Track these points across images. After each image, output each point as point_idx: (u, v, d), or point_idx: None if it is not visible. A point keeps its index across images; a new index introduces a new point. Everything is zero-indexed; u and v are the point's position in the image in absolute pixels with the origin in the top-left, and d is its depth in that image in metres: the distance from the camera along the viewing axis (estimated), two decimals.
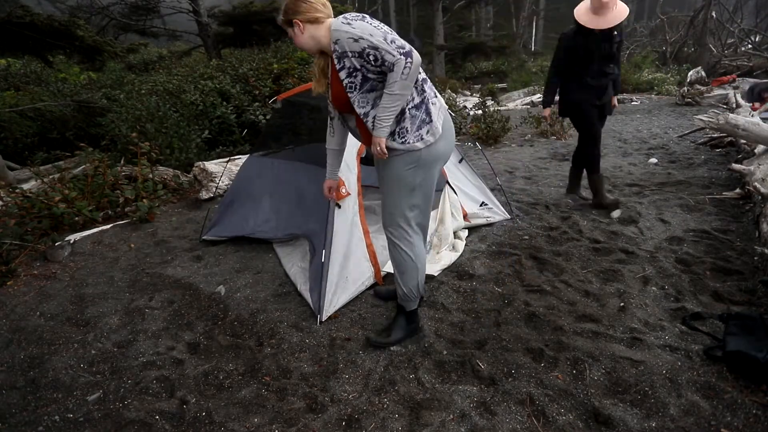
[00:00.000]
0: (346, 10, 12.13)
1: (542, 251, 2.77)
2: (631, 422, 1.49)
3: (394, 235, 1.82)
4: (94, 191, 3.75)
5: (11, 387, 1.82)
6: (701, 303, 2.15)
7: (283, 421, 1.59)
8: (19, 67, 9.18)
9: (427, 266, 2.67)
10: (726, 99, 8.17)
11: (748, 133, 3.88)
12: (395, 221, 1.79)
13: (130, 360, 1.95)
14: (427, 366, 1.83)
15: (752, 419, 1.47)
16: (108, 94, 6.99)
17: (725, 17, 15.01)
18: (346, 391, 1.71)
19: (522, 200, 3.72)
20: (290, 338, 2.03)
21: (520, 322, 2.08)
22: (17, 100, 6.49)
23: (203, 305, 2.37)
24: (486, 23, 28.20)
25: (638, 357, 1.78)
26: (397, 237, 1.82)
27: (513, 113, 8.95)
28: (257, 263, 2.80)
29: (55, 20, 7.05)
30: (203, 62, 9.21)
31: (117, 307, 2.39)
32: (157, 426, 1.59)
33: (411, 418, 1.58)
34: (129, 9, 11.26)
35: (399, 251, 1.83)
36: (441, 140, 1.72)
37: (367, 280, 2.39)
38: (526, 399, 1.62)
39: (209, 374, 1.85)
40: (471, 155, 5.71)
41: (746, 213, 3.16)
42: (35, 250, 3.02)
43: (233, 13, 11.13)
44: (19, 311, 2.38)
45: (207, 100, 6.00)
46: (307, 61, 7.72)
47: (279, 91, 6.75)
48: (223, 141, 6.07)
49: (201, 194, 4.17)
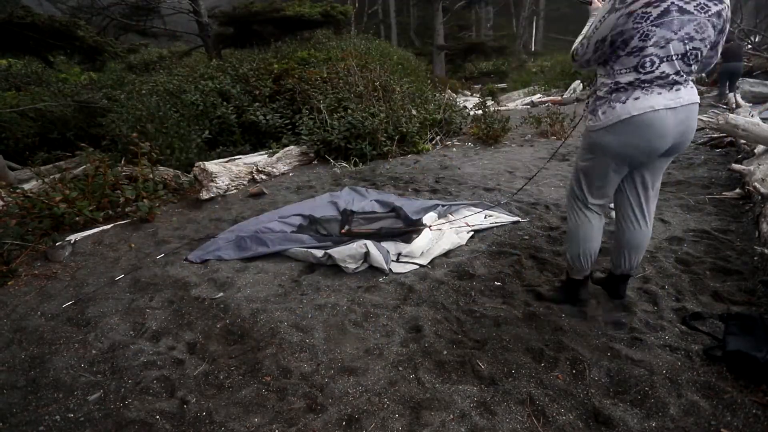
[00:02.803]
0: (347, 9, 12.14)
1: (542, 251, 2.77)
2: (631, 422, 1.49)
3: (568, 202, 2.02)
4: (95, 191, 3.75)
5: (12, 387, 1.82)
6: (701, 303, 2.15)
7: (283, 421, 1.59)
8: (20, 67, 9.20)
9: (419, 258, 2.73)
10: (726, 99, 8.16)
11: (748, 133, 3.88)
12: (570, 190, 1.98)
13: (130, 360, 1.95)
14: (427, 366, 1.83)
15: (752, 419, 1.47)
16: (108, 95, 7.01)
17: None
18: (347, 392, 1.71)
19: (522, 200, 3.72)
20: (290, 338, 2.03)
21: (520, 322, 2.08)
22: (18, 101, 6.50)
23: (203, 305, 2.37)
24: (486, 23, 28.21)
25: (638, 357, 1.78)
26: (568, 206, 2.03)
27: (513, 113, 8.94)
28: (258, 263, 2.80)
29: (55, 21, 7.07)
30: (203, 62, 9.21)
31: (117, 307, 2.39)
32: (157, 426, 1.59)
33: (411, 418, 1.58)
34: (129, 9, 11.26)
35: (568, 218, 2.03)
36: (611, 133, 1.68)
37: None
38: (526, 399, 1.62)
39: (209, 374, 1.85)
40: (471, 155, 5.72)
41: (746, 213, 3.16)
42: (36, 250, 3.03)
43: (233, 13, 11.12)
44: (19, 311, 2.38)
45: (207, 101, 6.01)
46: (307, 62, 7.74)
47: (279, 91, 6.77)
48: (224, 141, 6.08)
49: (201, 194, 4.17)
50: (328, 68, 7.09)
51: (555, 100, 10.71)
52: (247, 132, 6.28)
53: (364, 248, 2.62)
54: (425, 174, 4.74)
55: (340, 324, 2.14)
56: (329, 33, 11.40)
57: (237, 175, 4.65)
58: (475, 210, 3.42)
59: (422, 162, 5.32)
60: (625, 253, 2.00)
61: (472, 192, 4.04)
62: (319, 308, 2.27)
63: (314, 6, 11.00)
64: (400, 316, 2.18)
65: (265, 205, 4.00)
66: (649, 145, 1.65)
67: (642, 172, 1.83)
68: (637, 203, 1.91)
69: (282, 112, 6.42)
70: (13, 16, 6.56)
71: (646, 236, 1.96)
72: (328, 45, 9.23)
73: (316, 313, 2.24)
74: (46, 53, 8.19)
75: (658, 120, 1.59)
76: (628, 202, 1.93)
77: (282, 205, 3.93)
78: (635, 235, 1.95)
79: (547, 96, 11.90)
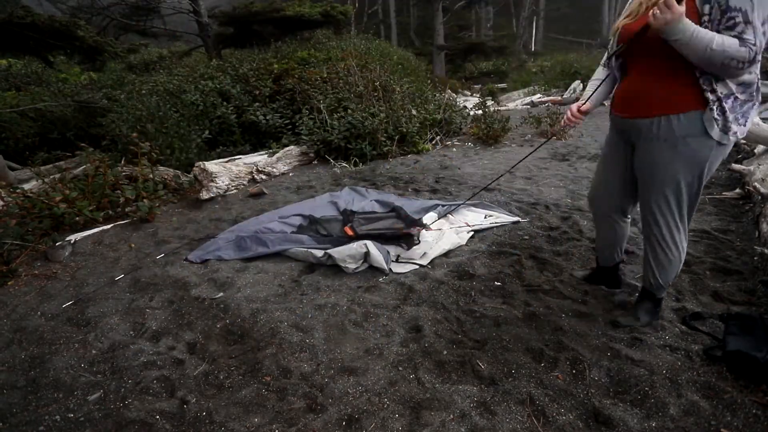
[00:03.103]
0: (347, 9, 12.13)
1: (542, 251, 2.77)
2: (631, 422, 1.49)
3: (663, 233, 1.71)
4: (95, 191, 3.75)
5: (12, 387, 1.82)
6: (701, 303, 2.15)
7: (283, 421, 1.59)
8: (20, 67, 9.19)
9: (419, 258, 2.73)
10: None
11: (748, 133, 3.88)
12: (678, 228, 1.70)
13: (130, 360, 1.95)
14: (427, 366, 1.83)
15: (752, 419, 1.47)
16: (108, 95, 7.00)
17: None
18: (347, 392, 1.71)
19: (522, 200, 3.72)
20: (290, 338, 2.03)
21: (520, 322, 2.08)
22: (18, 101, 6.50)
23: (203, 305, 2.37)
24: (486, 23, 28.22)
25: (638, 357, 1.78)
26: (675, 242, 1.72)
27: (513, 113, 8.94)
28: (258, 263, 2.80)
29: (56, 21, 7.06)
30: (203, 62, 9.20)
31: (117, 307, 2.39)
32: (157, 426, 1.59)
33: (411, 418, 1.58)
34: (129, 9, 11.25)
35: (666, 251, 1.74)
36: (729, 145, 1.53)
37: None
38: (526, 399, 1.62)
39: (209, 374, 1.85)
40: (471, 155, 5.72)
41: (746, 213, 3.16)
42: (36, 250, 3.03)
43: (233, 13, 11.11)
44: (19, 311, 2.39)
45: (207, 101, 6.01)
46: (307, 61, 7.74)
47: (279, 91, 6.77)
48: (224, 141, 6.08)
49: (201, 194, 4.17)
50: (328, 68, 7.08)
51: (555, 100, 10.70)
52: (247, 132, 6.27)
53: (364, 248, 2.62)
54: (425, 174, 4.74)
55: (340, 324, 2.14)
56: (329, 33, 11.39)
57: (237, 175, 4.65)
58: (476, 210, 3.42)
59: (422, 162, 5.32)
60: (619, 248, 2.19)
61: (472, 192, 4.03)
62: (319, 308, 2.27)
63: (314, 6, 11.00)
64: (400, 316, 2.18)
65: (265, 205, 4.00)
66: None
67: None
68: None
69: (282, 112, 6.42)
70: (13, 16, 6.56)
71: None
72: (328, 45, 9.23)
73: (316, 313, 2.24)
74: (46, 53, 8.19)
75: None
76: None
77: (282, 205, 3.93)
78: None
79: (547, 96, 11.89)
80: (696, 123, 1.45)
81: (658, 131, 1.54)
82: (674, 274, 1.85)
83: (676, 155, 1.54)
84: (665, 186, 1.61)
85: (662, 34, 1.33)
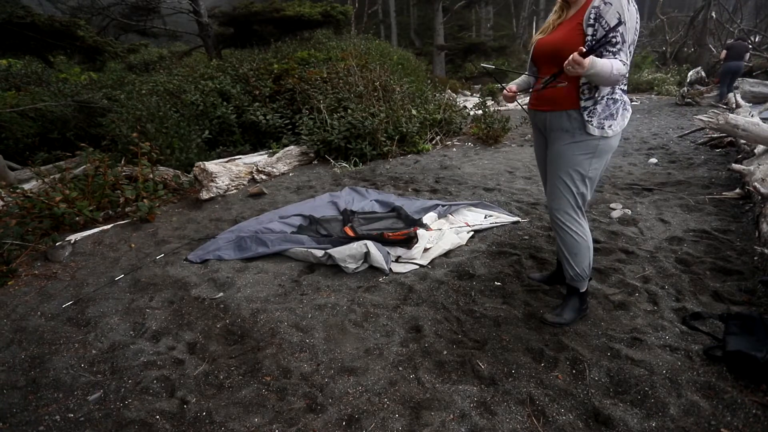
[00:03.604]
0: (347, 9, 12.13)
1: (542, 251, 2.77)
2: (631, 422, 1.49)
3: (564, 219, 1.93)
4: (95, 191, 3.75)
5: (12, 387, 1.82)
6: (701, 303, 2.15)
7: (283, 421, 1.59)
8: (20, 67, 9.18)
9: (419, 258, 2.72)
10: (726, 99, 8.16)
11: (748, 133, 3.88)
12: (563, 207, 1.92)
13: (130, 360, 1.95)
14: (427, 366, 1.83)
15: (752, 419, 1.47)
16: (108, 95, 7.00)
17: (725, 18, 15.01)
18: (347, 392, 1.71)
19: (522, 200, 3.73)
20: (290, 338, 2.03)
21: (520, 322, 2.08)
22: (18, 101, 6.50)
23: (203, 305, 2.37)
24: (486, 23, 28.20)
25: (638, 357, 1.78)
26: (567, 221, 1.93)
27: (513, 113, 8.94)
28: (258, 263, 2.81)
29: (56, 21, 7.07)
30: (204, 62, 9.21)
31: (117, 307, 2.39)
32: (157, 426, 1.59)
33: (411, 418, 1.58)
34: (129, 9, 11.26)
35: (570, 234, 1.94)
36: (616, 137, 1.84)
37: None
38: (526, 399, 1.62)
39: (209, 374, 1.85)
40: (471, 155, 5.72)
41: (746, 213, 3.16)
42: (36, 250, 3.03)
43: (234, 13, 11.12)
44: (19, 311, 2.39)
45: (207, 100, 6.01)
46: (307, 62, 7.73)
47: (279, 91, 6.77)
48: (224, 141, 6.08)
49: (201, 194, 4.17)
50: (328, 68, 7.08)
51: None
52: (247, 132, 6.28)
53: (364, 248, 2.63)
54: (425, 174, 4.74)
55: (340, 324, 2.14)
56: (329, 33, 11.38)
57: (237, 175, 4.65)
58: (476, 210, 3.42)
59: (422, 162, 5.32)
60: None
61: (472, 192, 4.04)
62: (319, 308, 2.27)
63: (314, 6, 11.00)
64: (400, 316, 2.18)
65: (265, 205, 4.00)
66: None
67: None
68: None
69: (282, 112, 6.42)
70: (13, 16, 6.56)
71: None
72: (328, 45, 9.22)
73: (316, 313, 2.24)
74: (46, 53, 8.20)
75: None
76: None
77: (282, 205, 3.93)
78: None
79: None
80: (578, 119, 1.80)
81: (554, 123, 1.88)
82: (587, 260, 1.97)
83: (568, 145, 1.86)
84: (560, 172, 1.89)
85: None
